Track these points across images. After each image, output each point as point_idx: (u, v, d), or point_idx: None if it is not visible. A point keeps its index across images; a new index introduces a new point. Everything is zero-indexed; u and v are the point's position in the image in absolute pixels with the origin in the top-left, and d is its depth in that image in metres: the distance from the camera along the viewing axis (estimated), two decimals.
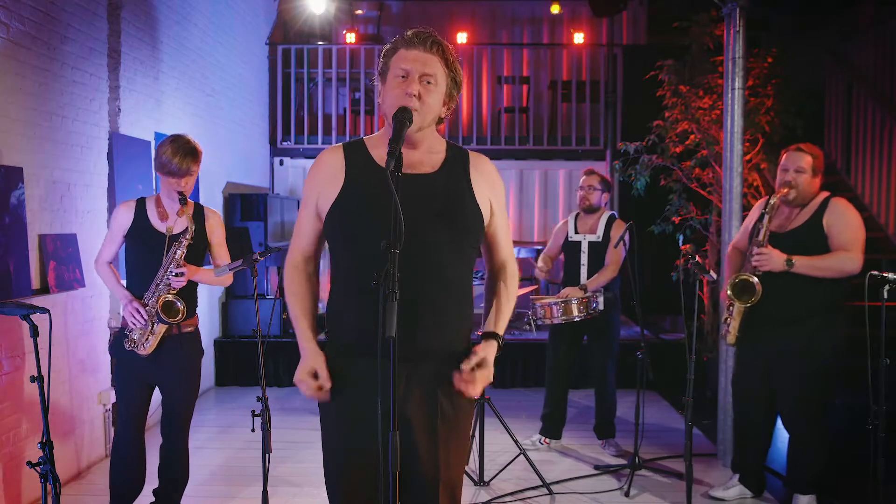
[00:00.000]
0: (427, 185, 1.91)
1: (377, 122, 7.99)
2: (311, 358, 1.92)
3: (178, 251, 3.10)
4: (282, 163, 8.16)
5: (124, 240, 3.21)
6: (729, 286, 3.48)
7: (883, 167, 6.44)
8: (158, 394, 3.30)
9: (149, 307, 3.09)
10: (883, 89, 6.57)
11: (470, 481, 3.98)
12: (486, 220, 1.99)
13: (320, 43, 8.42)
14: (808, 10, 7.46)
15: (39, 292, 3.74)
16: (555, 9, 9.26)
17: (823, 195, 3.48)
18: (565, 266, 4.66)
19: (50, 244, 3.85)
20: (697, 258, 3.58)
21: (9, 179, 3.51)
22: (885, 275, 2.85)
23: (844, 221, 3.38)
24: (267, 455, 3.02)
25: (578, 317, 4.25)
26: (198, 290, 3.35)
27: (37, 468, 2.61)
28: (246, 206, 6.44)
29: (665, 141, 5.82)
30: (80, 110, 4.20)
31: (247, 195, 6.52)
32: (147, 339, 3.12)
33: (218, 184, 6.35)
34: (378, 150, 1.94)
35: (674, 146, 5.80)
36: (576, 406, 5.53)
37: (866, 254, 3.41)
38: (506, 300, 2.05)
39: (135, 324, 3.09)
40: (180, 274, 3.11)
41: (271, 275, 6.74)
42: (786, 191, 3.45)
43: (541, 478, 3.97)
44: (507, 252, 2.09)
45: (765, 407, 3.64)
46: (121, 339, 3.17)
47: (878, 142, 6.55)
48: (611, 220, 4.54)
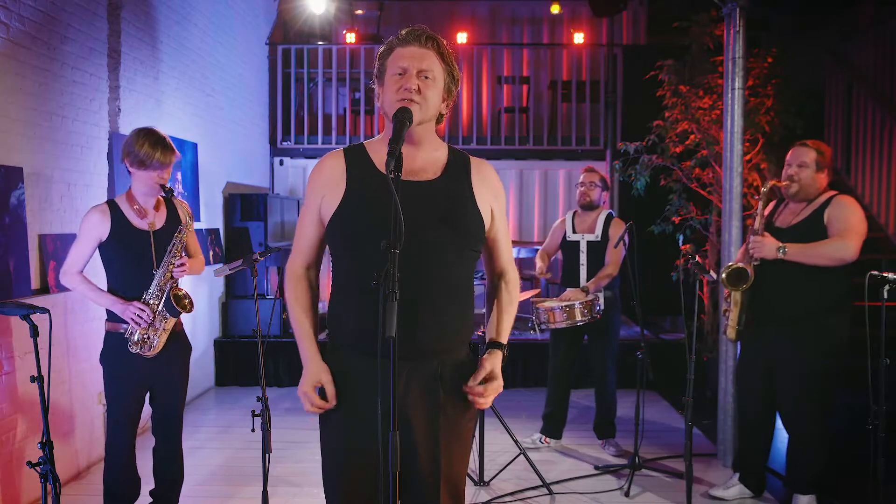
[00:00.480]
0: (429, 190, 1.91)
1: (377, 121, 7.99)
2: (316, 372, 1.93)
3: (178, 244, 3.10)
4: (282, 163, 8.16)
5: (100, 246, 3.07)
6: (723, 274, 3.51)
7: (883, 167, 6.44)
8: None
9: (151, 305, 3.04)
10: (883, 89, 6.57)
11: (470, 481, 3.98)
12: (487, 225, 1.99)
13: (320, 43, 8.42)
14: (808, 10, 7.46)
15: (39, 292, 3.75)
16: (555, 9, 9.26)
17: (830, 193, 3.48)
18: (564, 266, 4.66)
19: (50, 244, 3.85)
20: (697, 258, 3.59)
21: (9, 179, 3.51)
22: (885, 275, 2.85)
23: (844, 213, 3.38)
24: (267, 455, 3.02)
25: (582, 321, 4.24)
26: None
27: (37, 468, 2.60)
28: (246, 206, 6.44)
29: (665, 141, 5.82)
30: (80, 110, 4.20)
31: (247, 195, 6.52)
32: (154, 339, 3.06)
33: (218, 184, 6.35)
34: (379, 154, 1.94)
35: (674, 146, 5.80)
36: (576, 406, 5.53)
37: (867, 254, 3.41)
38: (508, 308, 2.05)
39: (139, 325, 3.01)
40: (182, 265, 3.10)
41: (271, 275, 6.73)
42: (786, 184, 3.46)
43: (541, 478, 3.97)
44: (507, 258, 2.09)
45: (765, 405, 3.65)
46: (117, 345, 3.06)
47: (878, 142, 6.55)
48: (609, 219, 4.54)
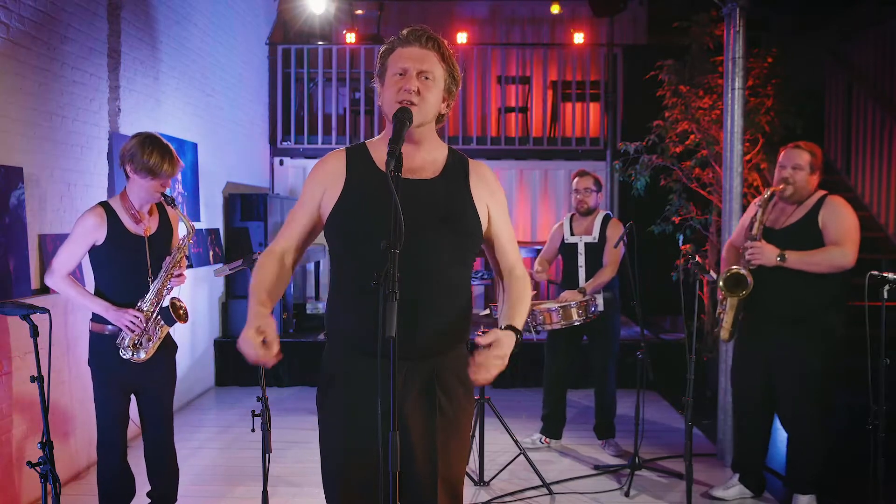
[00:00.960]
0: (428, 190, 1.92)
1: (377, 121, 7.99)
2: (258, 318, 1.80)
3: (181, 254, 3.10)
4: (282, 163, 8.16)
5: (91, 249, 3.03)
6: (721, 280, 3.50)
7: (883, 167, 6.45)
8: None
9: (146, 312, 3.02)
10: (883, 89, 6.58)
11: (470, 481, 3.98)
12: (483, 225, 2.00)
13: (320, 43, 8.42)
14: (808, 10, 7.47)
15: (39, 292, 3.74)
16: (555, 9, 9.27)
17: (820, 193, 3.50)
18: (563, 268, 4.68)
19: (50, 244, 3.85)
20: (697, 258, 3.59)
21: (9, 179, 3.51)
22: (885, 275, 2.85)
23: (839, 218, 3.39)
24: (267, 455, 3.02)
25: (578, 321, 4.24)
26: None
27: (37, 468, 2.61)
28: (246, 206, 6.44)
29: (665, 141, 5.83)
30: (80, 110, 4.20)
31: (247, 195, 6.52)
32: (147, 345, 3.04)
33: (218, 184, 6.35)
34: (379, 153, 1.94)
35: (674, 146, 5.80)
36: (576, 406, 5.53)
37: (867, 254, 3.42)
38: (521, 298, 2.01)
39: (132, 332, 2.99)
40: (181, 275, 3.11)
41: None
42: (782, 187, 3.47)
43: (541, 478, 3.97)
44: (515, 256, 2.09)
45: (763, 405, 3.65)
46: (103, 346, 3.03)
47: (878, 142, 6.55)
48: (606, 220, 4.55)
